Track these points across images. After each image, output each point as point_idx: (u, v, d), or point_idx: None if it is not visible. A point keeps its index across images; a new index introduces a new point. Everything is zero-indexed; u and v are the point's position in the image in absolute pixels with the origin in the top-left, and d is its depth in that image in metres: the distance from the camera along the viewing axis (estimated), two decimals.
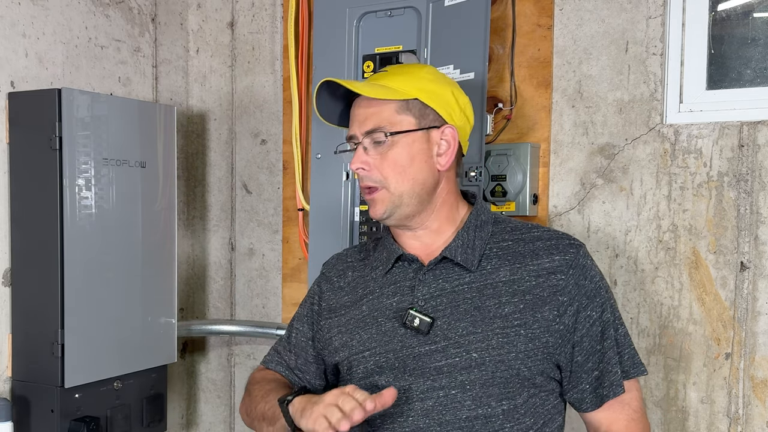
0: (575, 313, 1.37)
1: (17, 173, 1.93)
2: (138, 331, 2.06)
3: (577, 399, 1.42)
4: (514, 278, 1.38)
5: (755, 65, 1.79)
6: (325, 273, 1.59)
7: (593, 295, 1.39)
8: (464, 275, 1.39)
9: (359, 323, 1.44)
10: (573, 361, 1.38)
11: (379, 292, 1.45)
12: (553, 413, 1.40)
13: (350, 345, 1.44)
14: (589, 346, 1.38)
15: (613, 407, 1.41)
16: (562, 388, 1.42)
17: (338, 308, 1.50)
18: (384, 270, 1.46)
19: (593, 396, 1.40)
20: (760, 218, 1.73)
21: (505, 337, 1.34)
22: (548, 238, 1.42)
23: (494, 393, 1.33)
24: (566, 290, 1.37)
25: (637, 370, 1.43)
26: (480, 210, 1.46)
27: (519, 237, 1.43)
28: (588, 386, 1.39)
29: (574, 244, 1.41)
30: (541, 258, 1.39)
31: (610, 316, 1.41)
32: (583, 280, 1.39)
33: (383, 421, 1.37)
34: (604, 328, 1.40)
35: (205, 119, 2.54)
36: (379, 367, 1.39)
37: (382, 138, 1.38)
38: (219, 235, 2.55)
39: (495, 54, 1.98)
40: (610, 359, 1.40)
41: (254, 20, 2.45)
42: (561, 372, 1.40)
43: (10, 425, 1.80)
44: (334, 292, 1.54)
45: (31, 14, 2.01)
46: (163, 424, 2.15)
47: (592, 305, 1.39)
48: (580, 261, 1.39)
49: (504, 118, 1.96)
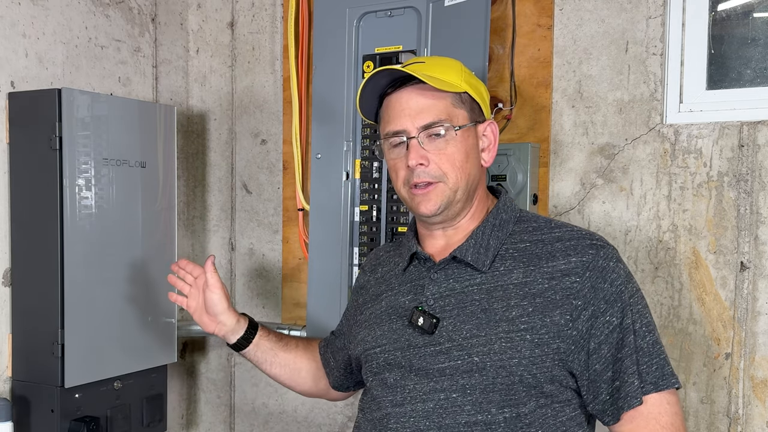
0: (590, 318, 1.29)
1: (17, 173, 1.93)
2: (138, 331, 2.06)
3: (598, 411, 1.32)
4: (526, 281, 1.32)
5: (755, 65, 1.79)
6: (364, 265, 1.65)
7: (613, 299, 1.30)
8: (475, 276, 1.36)
9: (377, 319, 1.46)
10: (590, 369, 1.30)
11: (397, 289, 1.46)
12: (570, 426, 1.32)
13: (366, 340, 1.45)
14: (609, 354, 1.29)
15: (635, 421, 1.29)
16: (581, 399, 1.33)
17: (367, 302, 1.53)
18: (402, 267, 1.46)
19: (613, 408, 1.30)
20: (760, 218, 1.73)
21: (509, 342, 1.28)
22: (569, 238, 1.35)
23: (495, 399, 1.28)
24: (581, 293, 1.29)
25: (666, 382, 1.30)
26: (502, 208, 1.42)
27: (539, 238, 1.37)
28: (608, 397, 1.30)
29: (596, 244, 1.33)
30: (557, 260, 1.33)
31: (630, 323, 1.30)
32: (602, 283, 1.30)
33: (388, 420, 1.36)
34: (624, 335, 1.29)
35: (205, 119, 2.54)
36: (388, 364, 1.39)
37: (441, 132, 1.35)
38: (219, 235, 2.55)
39: (495, 54, 1.98)
40: (627, 368, 1.29)
41: (254, 20, 2.45)
42: (577, 381, 1.31)
43: (10, 425, 1.80)
44: (366, 287, 1.57)
45: (31, 14, 2.01)
46: (163, 424, 2.15)
47: (612, 310, 1.29)
48: (600, 263, 1.31)
49: (504, 118, 1.97)
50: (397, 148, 1.39)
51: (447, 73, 1.39)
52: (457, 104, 1.38)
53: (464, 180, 1.37)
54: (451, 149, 1.36)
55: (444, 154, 1.35)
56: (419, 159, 1.35)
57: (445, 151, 1.36)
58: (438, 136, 1.35)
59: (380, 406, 1.38)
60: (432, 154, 1.35)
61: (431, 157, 1.35)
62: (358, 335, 1.50)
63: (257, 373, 2.48)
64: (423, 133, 1.35)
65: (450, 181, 1.36)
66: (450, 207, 1.38)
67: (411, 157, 1.35)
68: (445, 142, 1.36)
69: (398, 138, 1.38)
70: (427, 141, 1.35)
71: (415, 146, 1.35)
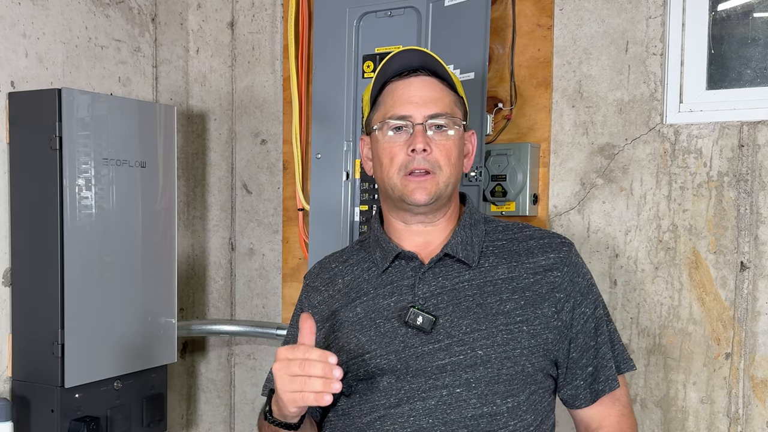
0: (571, 310, 1.39)
1: (17, 173, 1.93)
2: (138, 331, 2.06)
3: (571, 395, 1.43)
4: (512, 275, 1.39)
5: (755, 65, 1.79)
6: (309, 284, 1.53)
7: (586, 291, 1.42)
8: (464, 273, 1.39)
9: (355, 326, 1.40)
10: (569, 357, 1.39)
11: (374, 293, 1.42)
12: (548, 410, 1.40)
13: (347, 349, 1.39)
14: (584, 342, 1.40)
15: (604, 403, 1.42)
16: (556, 386, 1.43)
17: (330, 316, 1.45)
18: (379, 270, 1.43)
19: (588, 392, 1.41)
20: (760, 218, 1.73)
21: (509, 334, 1.33)
22: (540, 236, 1.44)
23: (499, 390, 1.32)
24: (562, 287, 1.39)
25: (627, 365, 1.46)
26: (472, 209, 1.47)
27: (512, 236, 1.45)
28: (582, 382, 1.41)
29: (566, 242, 1.44)
30: (537, 256, 1.41)
31: (602, 312, 1.44)
32: (577, 277, 1.41)
33: (383, 422, 1.34)
34: (598, 323, 1.42)
35: (205, 119, 2.54)
36: (380, 370, 1.36)
37: (445, 124, 1.38)
38: (219, 235, 2.55)
39: (495, 54, 1.98)
40: (604, 354, 1.41)
41: (254, 20, 2.45)
42: (557, 369, 1.41)
43: (10, 425, 1.80)
44: (324, 302, 1.48)
45: (31, 14, 2.01)
46: (163, 424, 2.15)
47: (586, 302, 1.41)
48: (573, 258, 1.42)
49: (504, 118, 1.96)
50: (396, 133, 1.39)
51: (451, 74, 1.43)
52: (457, 105, 1.42)
53: (454, 176, 1.40)
54: (449, 143, 1.38)
55: (444, 147, 1.38)
56: (424, 144, 1.36)
57: (445, 144, 1.38)
58: (441, 128, 1.38)
59: (371, 409, 1.36)
60: (433, 144, 1.37)
61: (432, 146, 1.37)
62: (331, 349, 1.40)
63: (257, 373, 2.48)
64: (428, 123, 1.37)
65: (444, 174, 1.38)
66: (438, 200, 1.39)
67: (418, 141, 1.36)
68: (446, 135, 1.38)
69: (401, 122, 1.38)
70: (430, 131, 1.38)
71: (421, 132, 1.37)
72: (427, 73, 1.40)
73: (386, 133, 1.40)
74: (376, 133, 1.41)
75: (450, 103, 1.40)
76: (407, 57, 1.40)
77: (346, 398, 1.41)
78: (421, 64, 1.40)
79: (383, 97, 1.43)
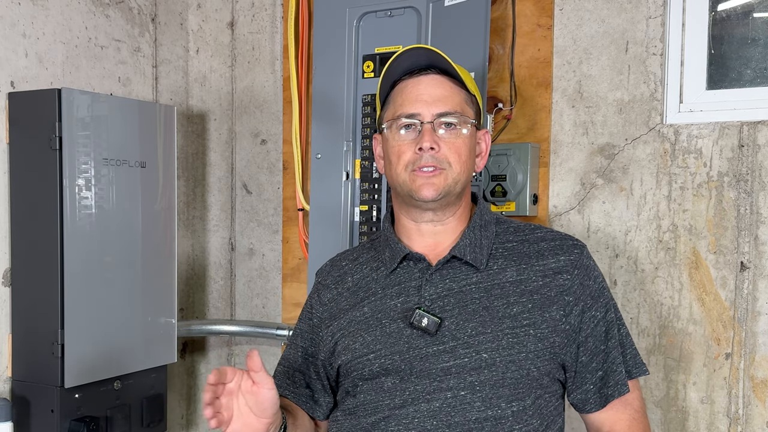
0: (581, 313, 1.37)
1: (17, 173, 1.93)
2: (138, 331, 2.06)
3: (581, 400, 1.41)
4: (521, 278, 1.37)
5: (755, 65, 1.79)
6: (321, 281, 1.54)
7: (597, 295, 1.40)
8: (472, 275, 1.38)
9: (361, 325, 1.41)
10: (578, 361, 1.38)
11: (381, 293, 1.42)
12: (555, 415, 1.39)
13: (352, 348, 1.39)
14: (594, 346, 1.38)
15: (615, 407, 1.40)
16: (564, 390, 1.42)
17: (338, 313, 1.46)
18: (387, 270, 1.43)
19: (597, 396, 1.40)
20: (760, 218, 1.73)
21: (515, 337, 1.32)
22: (552, 238, 1.43)
23: (504, 394, 1.31)
24: (572, 290, 1.37)
25: (639, 369, 1.44)
26: (483, 210, 1.46)
27: (523, 238, 1.43)
28: (592, 386, 1.39)
29: (578, 245, 1.42)
30: (547, 258, 1.39)
31: (613, 316, 1.41)
32: (588, 280, 1.39)
33: (387, 423, 1.34)
34: (608, 328, 1.40)
35: (205, 119, 2.54)
36: (384, 370, 1.36)
37: (455, 122, 1.37)
38: (219, 235, 2.55)
39: (495, 54, 1.98)
40: (614, 359, 1.40)
41: (254, 20, 2.45)
42: (565, 373, 1.39)
43: (10, 425, 1.80)
44: (333, 300, 1.49)
45: (31, 14, 2.01)
46: (163, 424, 2.15)
47: (597, 305, 1.39)
48: (584, 261, 1.40)
49: (504, 118, 1.97)
50: (405, 131, 1.39)
51: (463, 73, 1.42)
52: (468, 103, 1.41)
53: (464, 174, 1.39)
54: (459, 142, 1.38)
55: (453, 145, 1.37)
56: (432, 143, 1.36)
57: (454, 142, 1.37)
58: (451, 126, 1.38)
59: (376, 409, 1.36)
60: (442, 142, 1.37)
61: (441, 144, 1.37)
62: (337, 346, 1.43)
63: None
64: (437, 121, 1.37)
65: (453, 172, 1.37)
66: (447, 196, 1.38)
67: (425, 139, 1.36)
68: (456, 133, 1.38)
69: (410, 120, 1.38)
70: (439, 129, 1.37)
71: (429, 131, 1.37)
72: (436, 71, 1.40)
73: (395, 132, 1.40)
74: (386, 131, 1.42)
75: (460, 101, 1.39)
76: (416, 55, 1.40)
77: (352, 398, 1.41)
78: (430, 62, 1.40)
79: (393, 96, 1.43)
